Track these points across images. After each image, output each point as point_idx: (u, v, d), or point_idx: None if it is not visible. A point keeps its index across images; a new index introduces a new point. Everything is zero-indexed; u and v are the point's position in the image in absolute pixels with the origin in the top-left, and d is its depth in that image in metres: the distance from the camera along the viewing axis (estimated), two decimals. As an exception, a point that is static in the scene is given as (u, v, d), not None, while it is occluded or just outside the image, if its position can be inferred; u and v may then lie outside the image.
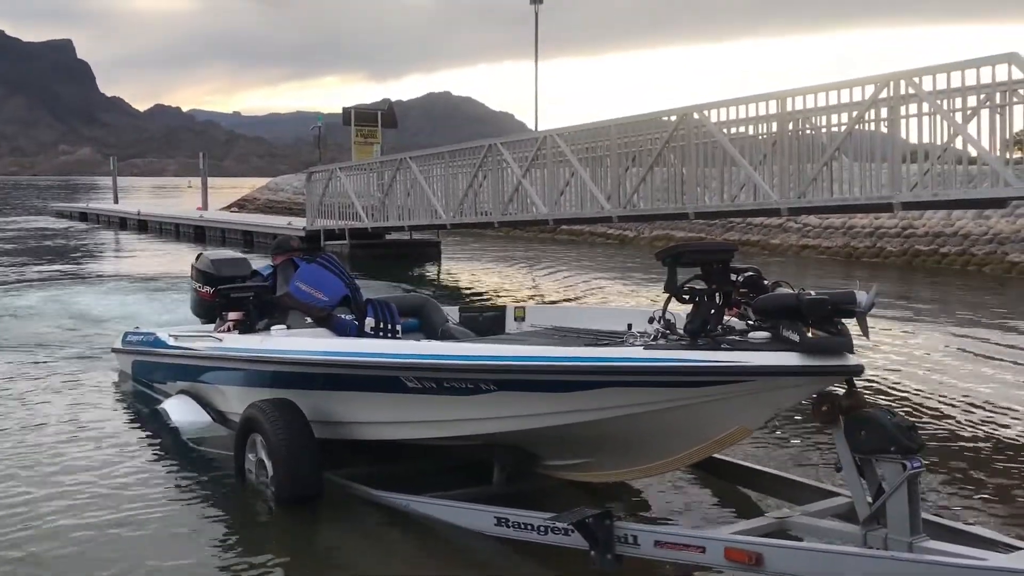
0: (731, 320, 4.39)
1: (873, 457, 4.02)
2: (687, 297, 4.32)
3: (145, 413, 7.66)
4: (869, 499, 4.10)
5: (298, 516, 5.33)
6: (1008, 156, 10.51)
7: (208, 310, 7.52)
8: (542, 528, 4.55)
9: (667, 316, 4.47)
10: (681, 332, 4.36)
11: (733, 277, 4.57)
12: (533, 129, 35.71)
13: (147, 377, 8.25)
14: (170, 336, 7.42)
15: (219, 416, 6.99)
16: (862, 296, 3.84)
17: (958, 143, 10.67)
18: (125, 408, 8.01)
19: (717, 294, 4.39)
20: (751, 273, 4.60)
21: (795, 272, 18.41)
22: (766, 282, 4.56)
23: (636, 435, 4.50)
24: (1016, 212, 18.38)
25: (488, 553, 4.80)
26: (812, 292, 3.91)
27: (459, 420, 4.97)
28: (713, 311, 4.21)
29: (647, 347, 4.26)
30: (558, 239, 28.74)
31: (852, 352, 3.83)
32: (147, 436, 7.11)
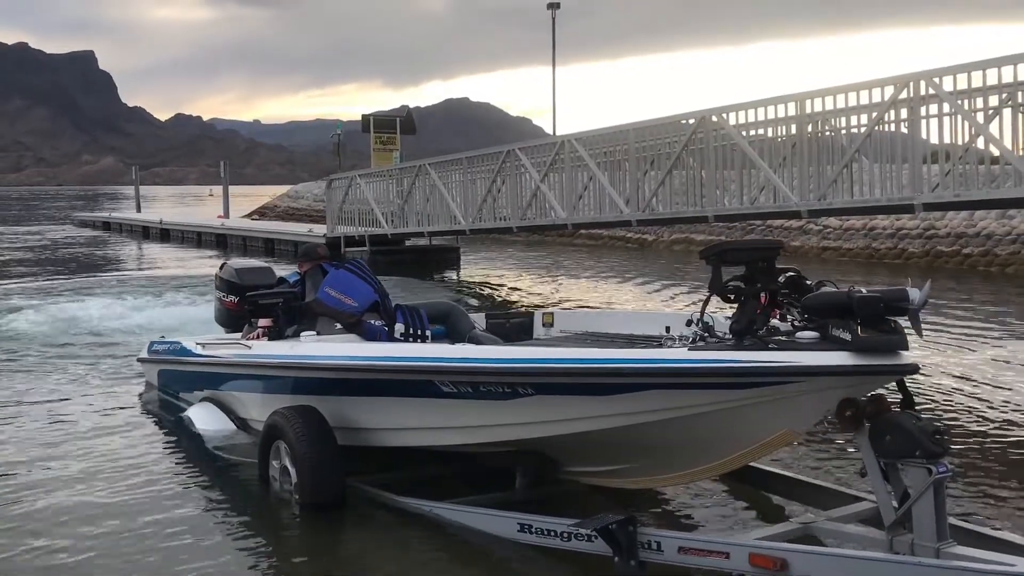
0: (773, 321, 4.28)
1: (898, 462, 3.97)
2: (732, 296, 4.21)
3: (169, 421, 7.69)
4: (895, 504, 4.05)
5: (322, 522, 5.34)
6: (1031, 156, 10.40)
7: (233, 319, 7.53)
8: (565, 534, 4.54)
9: (705, 319, 4.37)
10: (720, 335, 4.27)
11: None
12: (551, 134, 35.76)
13: (173, 386, 8.21)
14: (197, 344, 7.38)
15: (243, 424, 7.00)
16: (914, 293, 3.73)
17: (979, 143, 10.58)
18: (149, 417, 8.04)
19: (763, 293, 4.26)
20: (792, 273, 4.49)
21: (816, 275, 18.29)
22: (808, 282, 4.43)
23: (679, 439, 4.38)
24: (1040, 211, 18.20)
25: (511, 559, 4.80)
26: (863, 290, 3.80)
27: (494, 426, 4.87)
28: (759, 311, 4.10)
29: (691, 348, 4.16)
30: (577, 243, 28.71)
31: (907, 350, 3.72)
32: (172, 444, 7.15)
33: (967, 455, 6.52)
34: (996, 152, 10.48)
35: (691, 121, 13.85)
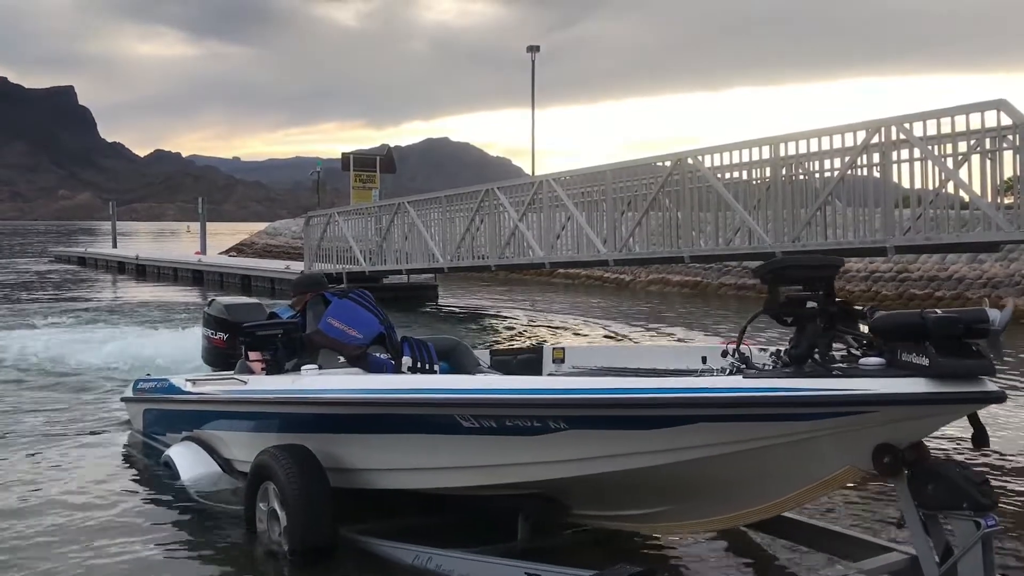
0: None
1: (940, 513, 3.64)
2: (790, 320, 3.83)
3: (152, 465, 7.18)
4: (937, 559, 3.68)
5: (311, 570, 4.98)
6: (999, 201, 10.64)
7: (221, 358, 7.11)
8: None
9: (742, 349, 4.04)
10: (759, 367, 3.96)
11: None
12: (530, 174, 36.06)
13: (160, 427, 7.58)
14: (187, 381, 6.84)
15: (229, 465, 6.48)
16: (995, 314, 3.36)
17: (950, 188, 10.80)
18: (130, 461, 7.53)
19: (822, 316, 3.82)
20: (839, 300, 4.13)
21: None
22: (859, 308, 4.07)
23: (728, 478, 3.95)
24: (1009, 256, 18.51)
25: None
26: (937, 311, 3.43)
27: (519, 464, 4.35)
28: (820, 335, 3.71)
29: (747, 376, 3.73)
30: (554, 282, 28.80)
31: (992, 375, 3.34)
32: (153, 487, 6.71)
33: (1013, 507, 5.96)
34: (966, 197, 10.71)
35: (667, 163, 14.04)
